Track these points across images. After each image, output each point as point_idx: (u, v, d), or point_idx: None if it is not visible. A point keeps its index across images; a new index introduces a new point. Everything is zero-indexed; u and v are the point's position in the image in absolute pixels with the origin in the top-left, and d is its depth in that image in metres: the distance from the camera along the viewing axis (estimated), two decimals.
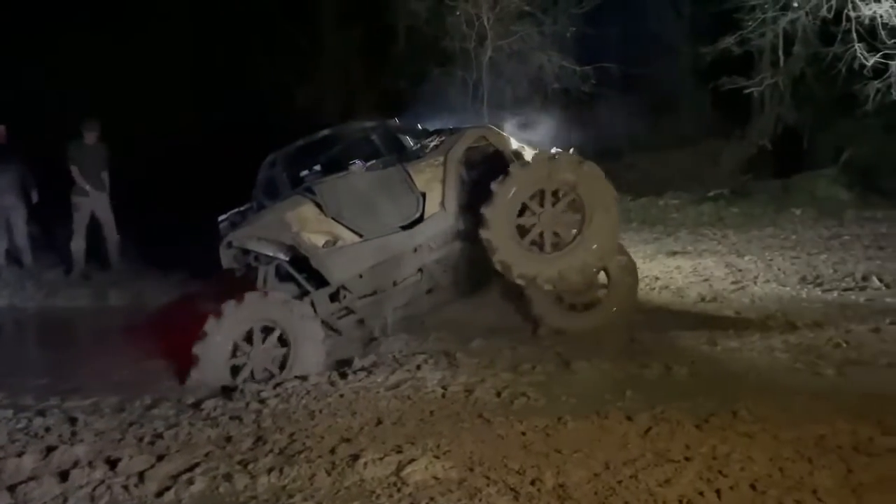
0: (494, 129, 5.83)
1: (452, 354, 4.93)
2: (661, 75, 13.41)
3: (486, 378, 4.39)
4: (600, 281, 5.69)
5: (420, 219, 5.41)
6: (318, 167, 5.58)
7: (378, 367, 4.80)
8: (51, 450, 3.54)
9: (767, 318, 5.63)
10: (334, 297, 5.45)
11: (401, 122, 6.33)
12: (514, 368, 4.58)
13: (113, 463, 3.36)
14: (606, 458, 3.09)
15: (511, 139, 5.71)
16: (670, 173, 12.21)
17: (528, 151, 5.62)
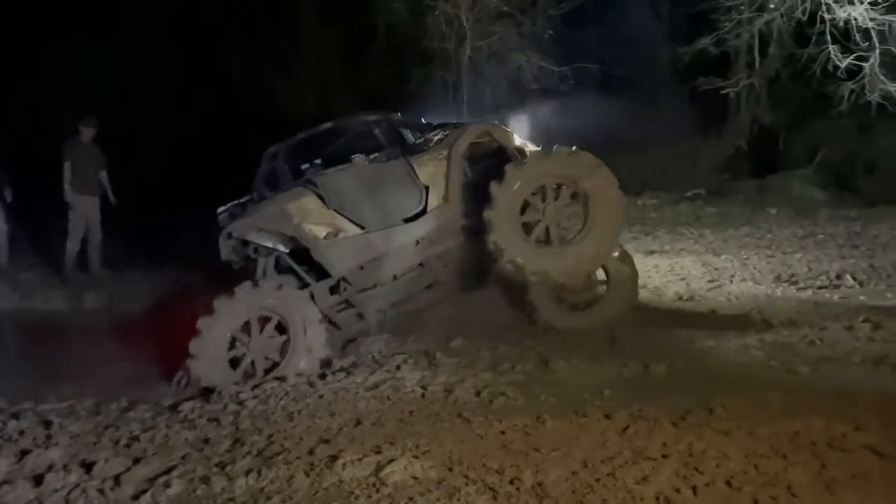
0: (499, 125, 5.86)
1: (432, 354, 4.93)
2: (640, 76, 13.51)
3: (466, 378, 4.40)
4: (600, 280, 5.72)
5: (423, 212, 5.41)
6: (319, 160, 5.56)
7: (357, 367, 4.80)
8: (25, 453, 3.50)
9: (743, 317, 5.69)
10: (334, 290, 5.43)
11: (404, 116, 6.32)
12: (494, 368, 4.59)
13: (88, 466, 3.33)
14: (585, 456, 3.10)
15: (514, 136, 5.72)
16: (648, 173, 12.29)
17: (530, 148, 5.64)
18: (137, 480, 3.17)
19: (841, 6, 9.84)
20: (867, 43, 9.91)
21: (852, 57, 10.02)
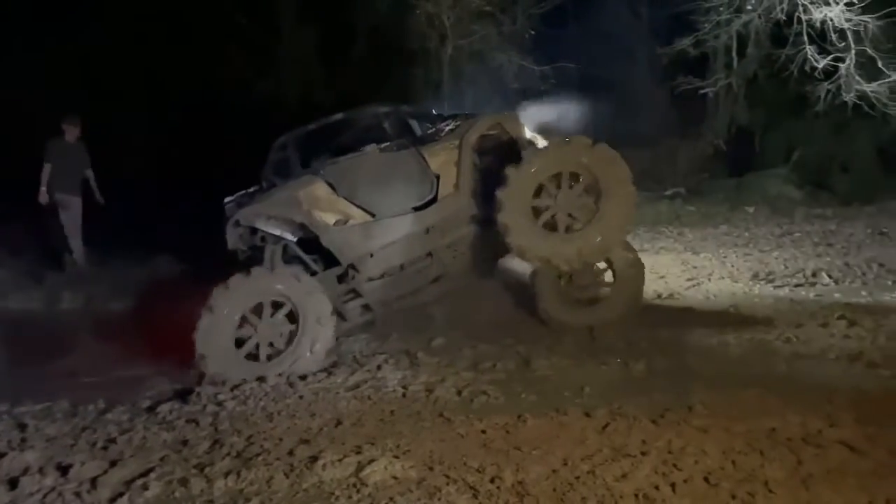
0: (510, 117, 5.85)
1: (413, 354, 4.93)
2: (620, 76, 13.60)
3: (447, 377, 4.40)
4: (606, 276, 5.72)
5: (433, 200, 5.41)
6: (329, 151, 5.56)
7: (338, 367, 4.78)
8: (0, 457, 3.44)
9: (721, 315, 5.75)
10: (341, 279, 5.40)
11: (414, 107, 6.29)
12: (475, 367, 4.60)
13: (64, 469, 3.28)
14: (565, 454, 3.12)
15: (526, 127, 5.73)
16: None
17: (540, 141, 5.64)
18: (114, 483, 3.13)
19: (817, 7, 9.98)
20: (843, 44, 10.06)
21: (829, 58, 10.16)
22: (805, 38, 10.23)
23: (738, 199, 11.82)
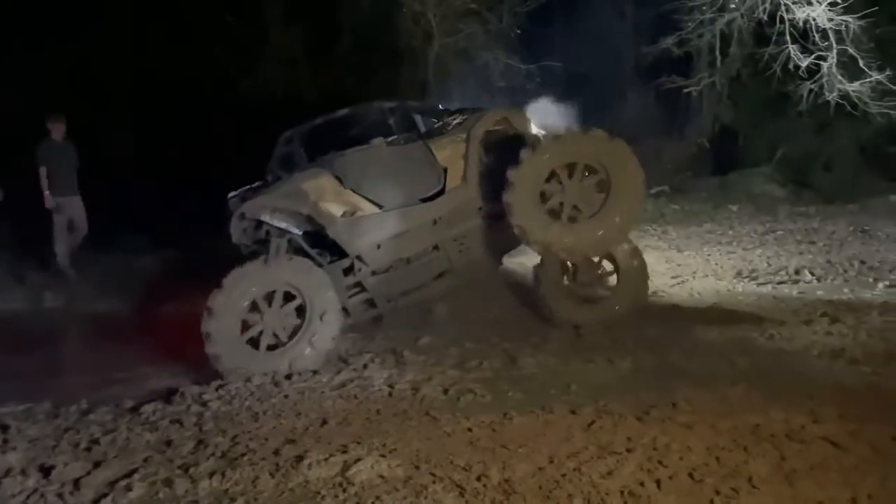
0: (517, 111, 5.87)
1: (399, 353, 4.93)
2: (604, 74, 13.64)
3: (434, 376, 4.40)
4: (610, 274, 5.73)
5: (441, 192, 5.42)
6: (335, 145, 5.54)
7: (324, 366, 4.76)
8: None
9: (706, 312, 5.78)
10: (347, 272, 5.39)
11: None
12: (461, 365, 4.60)
13: (47, 470, 3.26)
14: (551, 451, 3.12)
15: (532, 123, 5.74)
16: None
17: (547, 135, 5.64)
18: (98, 484, 3.11)
19: (800, 7, 10.05)
20: (825, 43, 10.14)
21: (812, 57, 10.25)
22: (788, 37, 10.30)
23: (721, 198, 11.89)
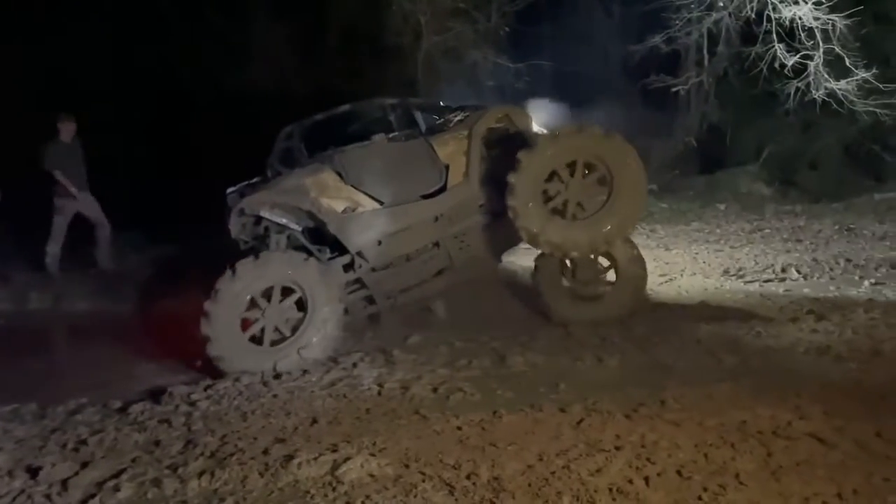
0: (518, 109, 5.89)
1: (389, 352, 4.92)
2: (592, 73, 13.67)
3: (423, 374, 4.40)
4: (608, 273, 5.74)
5: (442, 189, 5.42)
6: (335, 141, 5.54)
7: (313, 365, 4.75)
8: None
9: (693, 310, 5.81)
10: (347, 268, 5.38)
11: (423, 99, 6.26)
12: (451, 364, 4.60)
13: (34, 471, 3.24)
14: (540, 449, 3.13)
15: (533, 120, 5.75)
16: None
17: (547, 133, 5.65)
18: (85, 485, 3.09)
19: (787, 6, 10.12)
20: (812, 42, 10.22)
21: (797, 55, 10.32)
22: (774, 36, 10.37)
23: (709, 196, 11.97)
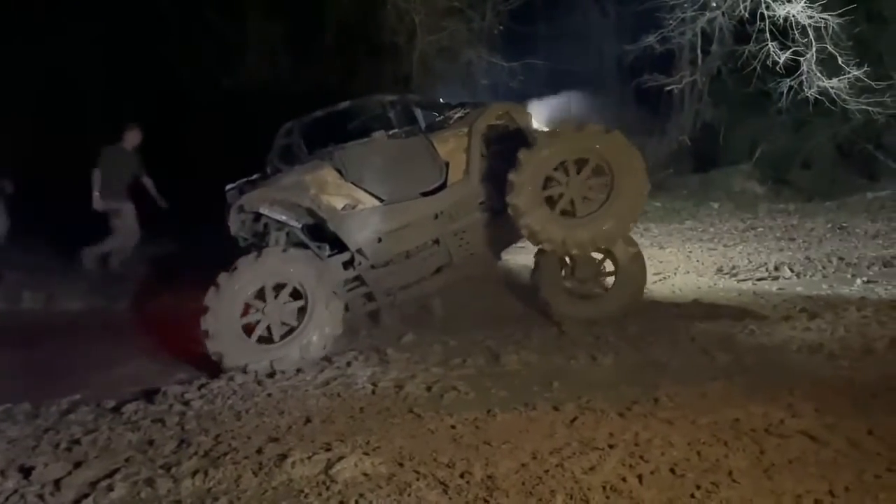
0: (518, 106, 5.88)
1: (383, 351, 4.93)
2: (586, 72, 13.69)
3: (417, 373, 4.41)
4: (608, 270, 5.75)
5: (443, 186, 5.42)
6: (335, 138, 5.54)
7: (307, 364, 4.75)
8: None
9: (687, 308, 5.84)
10: (347, 265, 5.37)
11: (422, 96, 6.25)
12: (445, 363, 4.60)
13: (27, 471, 3.23)
14: (534, 448, 3.14)
15: (533, 118, 5.74)
16: None
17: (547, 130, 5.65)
18: (78, 485, 3.08)
19: (780, 4, 10.14)
20: (805, 40, 10.24)
21: (789, 52, 10.33)
22: (767, 34, 10.39)
23: (702, 195, 12.01)
